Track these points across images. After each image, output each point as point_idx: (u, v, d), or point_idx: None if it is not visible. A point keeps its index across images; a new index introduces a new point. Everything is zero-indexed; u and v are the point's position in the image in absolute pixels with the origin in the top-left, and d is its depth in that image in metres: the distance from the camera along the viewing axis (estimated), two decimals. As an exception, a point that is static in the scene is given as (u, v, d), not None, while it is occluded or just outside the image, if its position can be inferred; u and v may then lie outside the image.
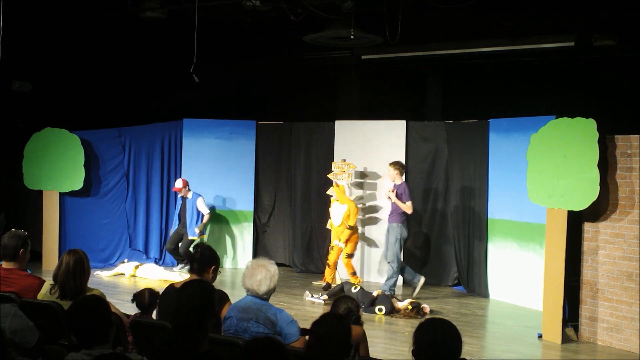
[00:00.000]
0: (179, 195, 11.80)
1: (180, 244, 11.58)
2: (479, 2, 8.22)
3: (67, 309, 4.09)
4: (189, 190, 11.66)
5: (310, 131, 12.35)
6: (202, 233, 11.72)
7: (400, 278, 10.44)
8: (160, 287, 5.52)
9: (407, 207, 9.82)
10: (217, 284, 5.24)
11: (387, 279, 9.95)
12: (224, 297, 5.09)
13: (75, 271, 4.99)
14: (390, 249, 9.90)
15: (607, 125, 7.95)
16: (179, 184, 11.63)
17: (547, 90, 11.25)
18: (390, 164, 10.12)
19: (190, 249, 11.05)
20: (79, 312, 3.84)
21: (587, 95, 10.59)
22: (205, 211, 11.63)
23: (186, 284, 4.02)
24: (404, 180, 10.12)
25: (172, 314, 3.80)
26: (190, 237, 11.48)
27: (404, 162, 11.26)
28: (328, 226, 11.37)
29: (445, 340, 3.30)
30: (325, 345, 3.70)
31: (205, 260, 5.13)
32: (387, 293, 9.72)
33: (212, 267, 5.10)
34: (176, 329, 3.68)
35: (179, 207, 11.76)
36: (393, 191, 9.89)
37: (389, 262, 9.96)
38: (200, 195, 11.66)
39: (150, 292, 5.82)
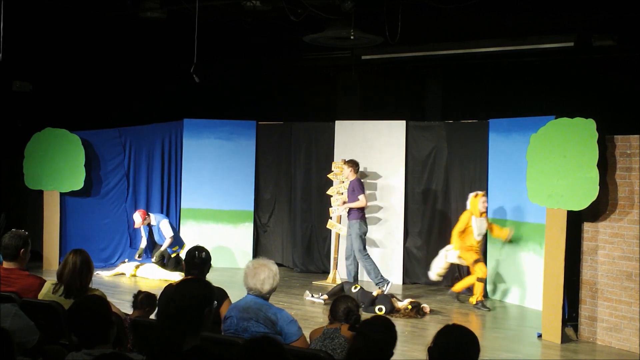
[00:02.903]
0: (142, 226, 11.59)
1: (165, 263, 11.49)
2: (479, 2, 8.22)
3: (68, 308, 4.09)
4: (148, 216, 11.47)
5: (311, 131, 12.36)
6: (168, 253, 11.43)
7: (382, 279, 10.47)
8: (160, 287, 5.54)
9: (361, 202, 10.15)
10: (216, 284, 5.27)
11: (369, 275, 10.17)
12: (223, 295, 5.11)
13: (82, 270, 5.03)
14: (354, 245, 10.16)
15: (606, 125, 7.95)
16: (138, 218, 11.39)
17: (547, 91, 11.25)
18: (345, 162, 10.48)
19: (183, 254, 11.18)
20: (80, 312, 3.84)
21: (587, 96, 10.60)
22: (169, 234, 11.33)
23: (184, 281, 4.02)
24: (356, 176, 10.43)
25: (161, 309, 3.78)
26: (171, 255, 11.47)
27: (404, 163, 11.35)
28: (328, 226, 11.38)
29: (464, 348, 3.34)
30: (371, 350, 3.70)
31: (205, 264, 5.21)
32: (381, 285, 9.87)
33: (208, 267, 5.25)
34: (162, 324, 3.69)
35: (147, 234, 11.63)
36: (344, 202, 10.47)
37: (358, 259, 10.21)
38: (164, 218, 11.50)
39: (147, 295, 5.93)
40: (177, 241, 11.53)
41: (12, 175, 11.64)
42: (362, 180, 10.63)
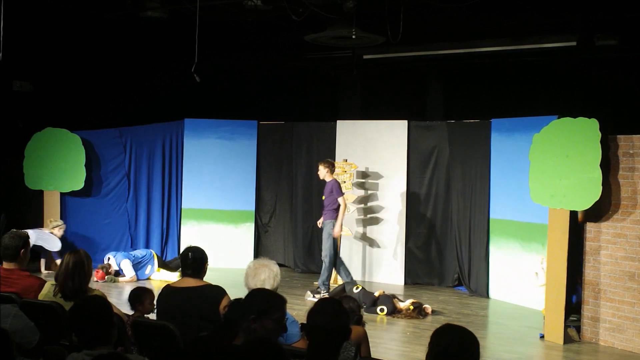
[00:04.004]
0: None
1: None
2: (481, 1, 8.18)
3: (69, 309, 4.07)
4: (109, 265, 10.98)
5: (312, 131, 12.33)
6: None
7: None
8: (159, 288, 5.51)
9: (342, 206, 10.12)
10: (216, 284, 5.24)
11: (321, 274, 10.22)
12: (221, 293, 5.10)
13: (74, 272, 4.99)
14: (324, 244, 10.20)
15: (609, 125, 7.93)
16: (99, 277, 10.76)
17: (550, 90, 11.22)
18: (320, 163, 10.43)
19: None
20: (81, 312, 3.83)
21: (590, 95, 10.56)
22: (129, 275, 10.89)
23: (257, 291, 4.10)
24: (333, 177, 10.37)
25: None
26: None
27: (406, 163, 11.33)
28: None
29: (463, 347, 3.25)
30: (324, 336, 3.69)
31: (198, 264, 5.20)
32: (322, 288, 10.01)
33: (205, 267, 5.23)
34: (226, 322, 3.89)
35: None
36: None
37: (323, 257, 10.22)
38: (125, 258, 11.02)
39: (137, 288, 5.93)
40: (144, 265, 11.20)
41: (12, 176, 11.60)
42: (339, 182, 10.52)
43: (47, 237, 10.99)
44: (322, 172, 10.37)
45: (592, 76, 10.76)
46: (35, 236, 10.56)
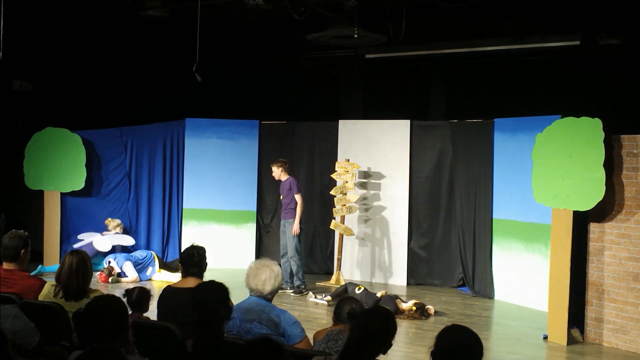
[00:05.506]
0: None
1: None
2: (484, 1, 8.15)
3: (86, 304, 4.06)
4: (112, 268, 10.89)
5: (314, 131, 12.30)
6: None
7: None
8: (161, 289, 5.47)
9: (299, 203, 10.20)
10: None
11: (295, 274, 10.28)
12: None
13: (78, 272, 5.03)
14: (289, 244, 10.23)
15: (613, 124, 7.88)
16: (103, 279, 10.74)
17: (552, 90, 11.17)
18: (272, 164, 10.54)
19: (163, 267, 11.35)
20: (99, 310, 3.85)
21: (593, 95, 10.52)
22: (132, 276, 10.87)
23: (204, 285, 4.29)
24: (289, 175, 10.46)
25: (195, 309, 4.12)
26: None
27: (408, 162, 11.27)
28: (332, 227, 11.31)
29: (467, 347, 3.28)
30: (368, 340, 3.68)
31: (203, 262, 5.21)
32: (302, 286, 10.17)
33: (205, 265, 5.31)
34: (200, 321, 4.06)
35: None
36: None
37: (290, 258, 10.24)
38: (126, 260, 10.99)
39: (141, 289, 5.86)
40: (144, 266, 11.22)
41: (12, 176, 11.58)
42: (295, 179, 10.61)
43: (121, 236, 11.48)
44: (277, 172, 10.44)
45: (595, 76, 10.72)
46: (109, 240, 11.21)
